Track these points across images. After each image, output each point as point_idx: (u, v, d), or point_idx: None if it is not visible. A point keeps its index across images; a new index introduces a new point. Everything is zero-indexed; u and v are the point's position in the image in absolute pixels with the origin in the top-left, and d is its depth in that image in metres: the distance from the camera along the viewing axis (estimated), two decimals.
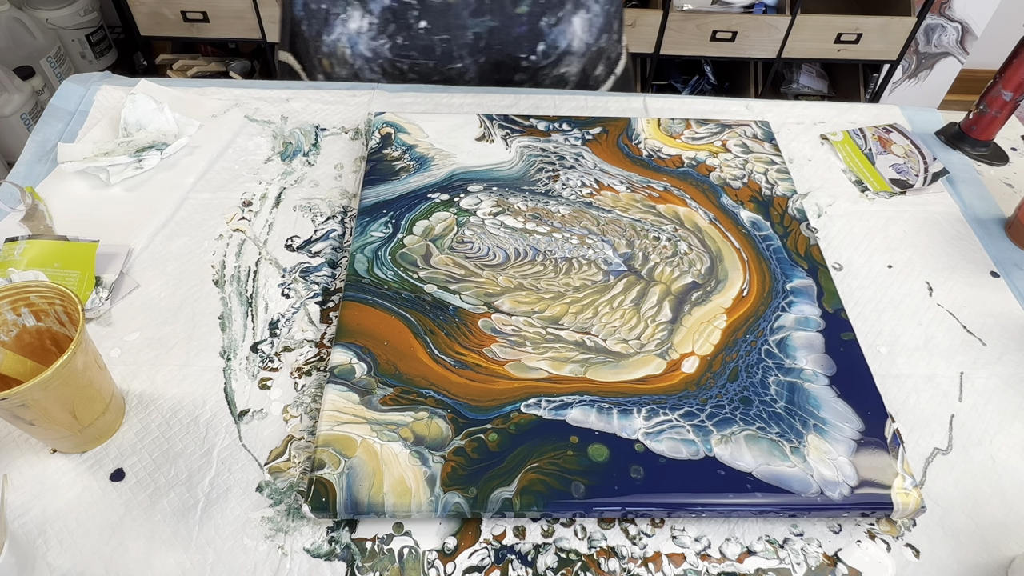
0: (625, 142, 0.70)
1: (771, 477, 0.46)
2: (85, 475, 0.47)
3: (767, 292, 0.57)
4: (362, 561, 0.44)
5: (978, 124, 0.75)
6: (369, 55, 0.78)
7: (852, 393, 0.51)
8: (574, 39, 0.80)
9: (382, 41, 0.76)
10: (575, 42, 0.80)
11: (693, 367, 0.52)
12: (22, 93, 1.67)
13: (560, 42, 0.79)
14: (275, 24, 1.73)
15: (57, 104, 0.73)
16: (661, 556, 0.45)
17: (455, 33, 0.75)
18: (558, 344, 0.53)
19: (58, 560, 0.43)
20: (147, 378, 0.52)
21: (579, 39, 0.80)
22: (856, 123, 0.78)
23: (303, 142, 0.72)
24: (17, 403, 0.40)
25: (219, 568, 0.43)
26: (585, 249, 0.60)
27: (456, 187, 0.64)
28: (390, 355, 0.51)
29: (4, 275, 0.55)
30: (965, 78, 2.02)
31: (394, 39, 0.76)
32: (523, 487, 0.45)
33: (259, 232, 0.63)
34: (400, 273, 0.57)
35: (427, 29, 0.74)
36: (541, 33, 0.78)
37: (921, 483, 0.50)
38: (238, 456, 0.48)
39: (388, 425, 0.48)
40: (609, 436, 0.48)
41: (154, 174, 0.67)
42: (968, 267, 0.64)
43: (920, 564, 0.46)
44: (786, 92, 2.05)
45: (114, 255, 0.59)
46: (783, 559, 0.46)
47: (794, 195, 0.66)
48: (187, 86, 0.77)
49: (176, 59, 1.91)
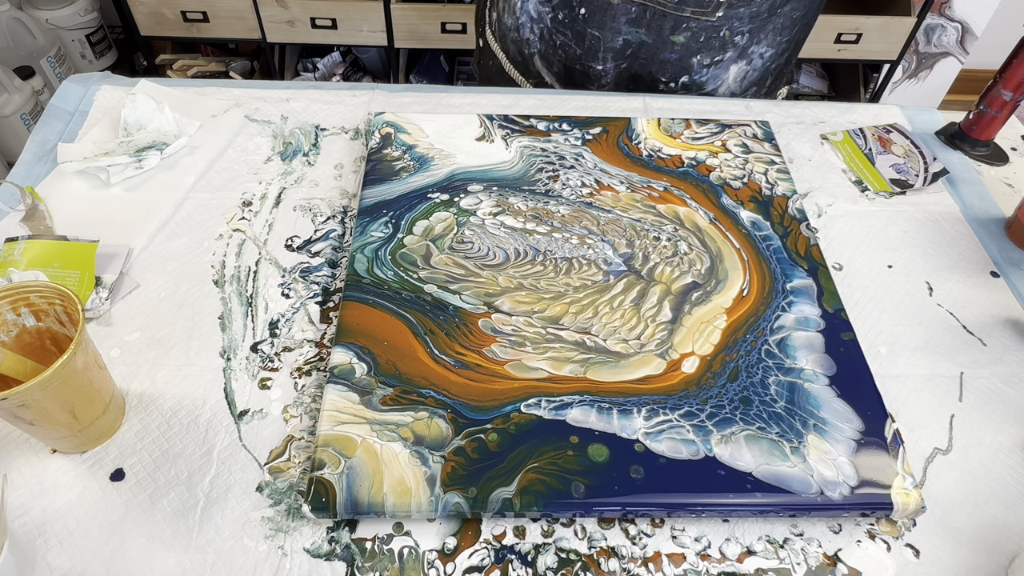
0: (625, 142, 0.70)
1: (771, 477, 0.46)
2: (85, 475, 0.47)
3: (767, 292, 0.57)
4: (362, 561, 0.44)
5: (978, 124, 0.75)
6: (534, 15, 0.79)
7: (852, 393, 0.51)
8: (722, 85, 0.79)
9: (547, 9, 0.78)
10: (722, 88, 0.80)
11: (693, 367, 0.52)
12: (22, 93, 1.67)
13: (708, 85, 0.79)
14: (275, 24, 1.73)
15: (57, 104, 0.73)
16: (661, 556, 0.45)
17: (606, 34, 0.75)
18: (558, 344, 0.53)
19: (58, 560, 0.43)
20: (147, 378, 0.52)
21: (727, 87, 0.80)
22: (856, 123, 0.78)
23: (303, 142, 0.72)
24: (17, 403, 0.40)
25: (219, 568, 0.43)
26: (585, 249, 0.60)
27: (456, 187, 0.64)
28: (390, 355, 0.51)
29: (4, 275, 0.55)
30: (965, 78, 2.02)
31: (556, 12, 0.77)
32: (523, 487, 0.45)
33: (259, 232, 0.63)
34: (400, 273, 0.57)
35: (584, 18, 0.75)
36: (690, 68, 0.77)
37: (921, 483, 0.50)
38: (238, 456, 0.48)
39: (388, 425, 0.48)
40: (609, 436, 0.48)
41: (154, 174, 0.67)
42: (968, 267, 0.64)
43: (920, 564, 0.46)
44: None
45: (114, 255, 0.59)
46: (783, 559, 0.46)
47: (794, 195, 0.66)
48: (187, 86, 0.77)
49: (176, 59, 1.91)
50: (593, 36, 0.75)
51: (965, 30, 1.89)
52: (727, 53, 0.76)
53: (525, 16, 0.80)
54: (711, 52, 0.76)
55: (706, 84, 0.79)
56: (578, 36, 0.76)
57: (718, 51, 0.75)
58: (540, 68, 0.84)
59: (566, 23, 0.76)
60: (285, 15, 1.72)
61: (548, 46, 0.80)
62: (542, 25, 0.79)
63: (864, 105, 0.81)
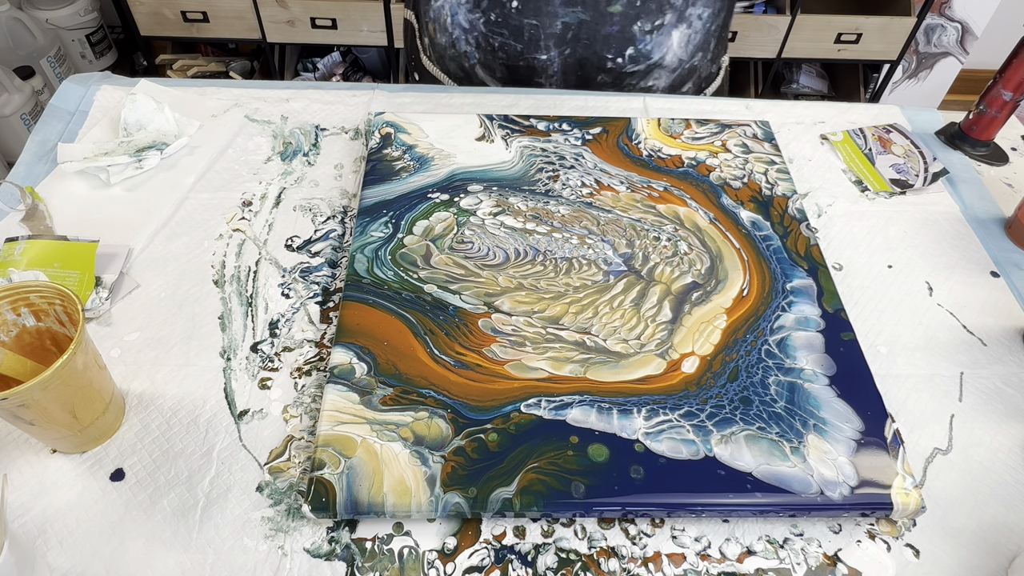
0: (625, 142, 0.70)
1: (771, 477, 0.46)
2: (85, 475, 0.47)
3: (767, 292, 0.57)
4: (362, 561, 0.44)
5: (978, 124, 0.75)
6: (466, 26, 0.79)
7: (852, 393, 0.51)
8: (668, 53, 0.79)
9: (477, 15, 0.78)
10: (668, 56, 0.80)
11: (693, 367, 0.52)
12: (22, 93, 1.67)
13: (654, 53, 0.79)
14: (275, 24, 1.74)
15: (57, 104, 0.73)
16: (661, 556, 0.45)
17: (544, 20, 0.75)
18: (558, 344, 0.53)
19: (58, 560, 0.43)
20: (147, 378, 0.52)
21: (673, 54, 0.80)
22: (856, 123, 0.78)
23: (303, 142, 0.72)
24: (17, 403, 0.40)
25: (219, 568, 0.43)
26: (585, 249, 0.60)
27: (456, 187, 0.64)
28: (390, 355, 0.51)
29: (4, 275, 0.55)
30: (965, 78, 2.02)
31: (488, 15, 0.77)
32: (523, 487, 0.45)
33: (259, 232, 0.63)
34: (400, 273, 0.57)
35: (518, 10, 0.75)
36: (633, 38, 0.77)
37: (921, 483, 0.50)
38: (238, 456, 0.48)
39: (388, 425, 0.48)
40: (609, 436, 0.48)
41: (154, 174, 0.67)
42: (968, 267, 0.64)
43: (920, 564, 0.46)
44: (786, 92, 2.05)
45: (114, 255, 0.59)
46: (783, 559, 0.46)
47: (794, 195, 0.66)
48: (187, 86, 0.77)
49: (176, 59, 1.91)
50: (531, 26, 0.76)
51: (965, 30, 1.89)
52: (666, 16, 0.77)
53: (458, 30, 0.80)
54: (650, 16, 0.76)
55: (652, 53, 0.79)
56: (515, 31, 0.76)
57: (656, 14, 0.76)
58: (484, 78, 0.84)
59: (500, 22, 0.77)
60: (285, 15, 1.72)
61: (486, 53, 0.81)
62: (476, 33, 0.79)
63: (864, 105, 0.81)
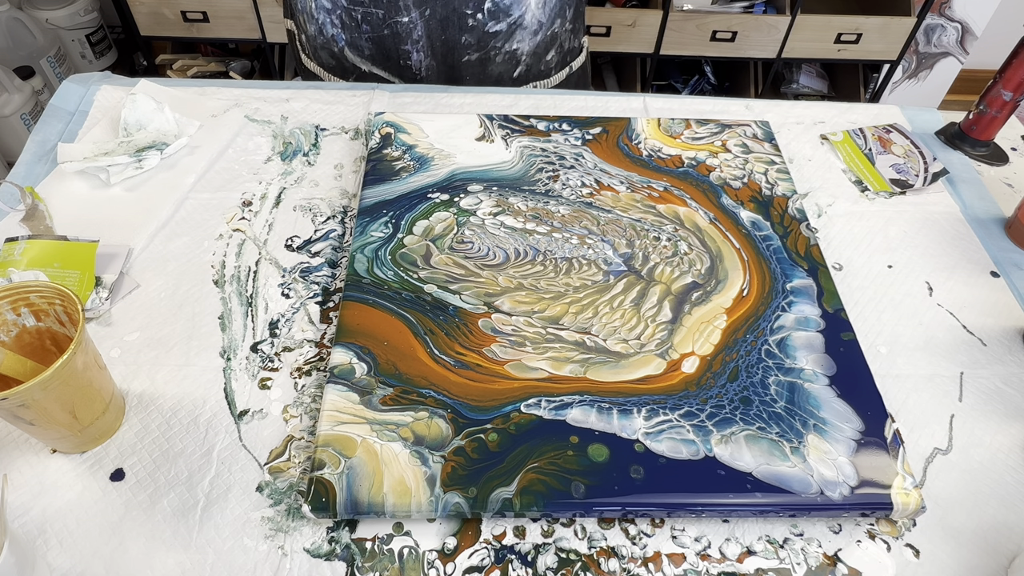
0: (625, 142, 0.70)
1: (771, 477, 0.46)
2: (85, 475, 0.47)
3: (767, 292, 0.57)
4: (362, 561, 0.44)
5: (978, 124, 0.75)
6: (329, 6, 0.80)
7: (852, 393, 0.51)
8: (527, 11, 0.80)
9: None
10: (528, 15, 0.81)
11: (693, 367, 0.52)
12: (22, 93, 1.67)
13: (514, 10, 0.80)
14: (275, 24, 1.73)
15: (57, 104, 0.73)
16: (661, 556, 0.45)
17: None
18: (558, 344, 0.53)
19: (58, 560, 0.43)
20: (147, 378, 0.52)
21: (532, 13, 0.81)
22: (856, 123, 0.78)
23: (303, 142, 0.72)
24: (17, 403, 0.40)
25: (219, 568, 0.43)
26: (585, 249, 0.60)
27: (456, 187, 0.64)
28: (390, 355, 0.51)
29: (4, 275, 0.55)
30: (965, 78, 2.02)
31: None
32: (523, 487, 0.45)
33: (259, 232, 0.63)
34: (400, 273, 0.57)
35: None
36: None
37: (921, 483, 0.50)
38: (238, 456, 0.48)
39: (388, 425, 0.48)
40: (609, 436, 0.48)
41: (154, 174, 0.67)
42: (968, 267, 0.64)
43: (920, 564, 0.46)
44: (786, 92, 2.05)
45: (114, 255, 0.59)
46: (783, 559, 0.46)
47: (794, 195, 0.66)
48: (187, 86, 0.77)
49: (176, 59, 1.91)
50: None
51: (965, 30, 1.89)
52: None
53: (322, 13, 0.81)
54: None
55: (511, 9, 0.79)
56: None
57: None
58: (354, 60, 0.85)
59: None
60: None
61: (351, 31, 0.82)
62: (338, 10, 0.80)
63: (864, 105, 0.81)
